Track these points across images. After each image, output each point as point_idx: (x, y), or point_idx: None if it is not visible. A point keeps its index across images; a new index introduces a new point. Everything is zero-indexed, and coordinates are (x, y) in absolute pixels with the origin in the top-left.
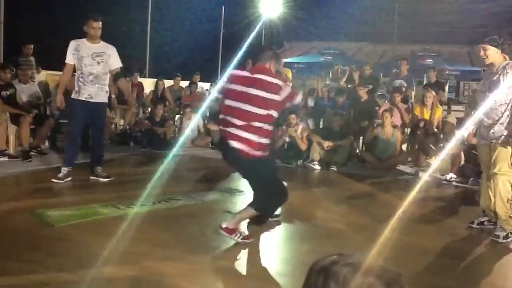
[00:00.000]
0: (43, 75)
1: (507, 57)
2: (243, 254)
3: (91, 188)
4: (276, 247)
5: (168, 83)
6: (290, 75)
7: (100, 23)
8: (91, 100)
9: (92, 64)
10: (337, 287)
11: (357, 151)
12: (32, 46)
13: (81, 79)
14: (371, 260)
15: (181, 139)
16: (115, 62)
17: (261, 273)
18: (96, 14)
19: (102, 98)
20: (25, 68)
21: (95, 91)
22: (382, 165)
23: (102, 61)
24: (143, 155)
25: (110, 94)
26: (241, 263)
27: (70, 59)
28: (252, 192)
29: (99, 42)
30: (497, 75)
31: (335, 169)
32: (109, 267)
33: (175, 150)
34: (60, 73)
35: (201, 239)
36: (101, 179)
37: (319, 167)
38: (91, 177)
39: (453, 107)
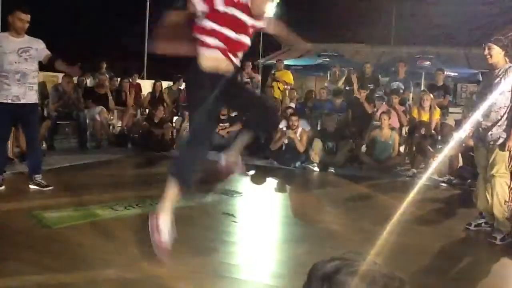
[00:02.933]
0: (40, 76)
1: (508, 60)
2: (241, 256)
3: (88, 189)
4: (274, 249)
5: (166, 84)
6: (291, 77)
7: (29, 16)
8: (19, 102)
9: (19, 61)
10: None
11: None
12: None
13: (5, 80)
14: (375, 268)
15: (179, 141)
16: (44, 52)
17: (258, 275)
18: (24, 5)
19: (32, 98)
20: None
21: (24, 92)
22: (380, 167)
23: (30, 57)
24: (140, 157)
25: (107, 95)
26: (239, 265)
27: None
28: None
29: (23, 36)
30: (499, 78)
31: (333, 170)
32: (106, 269)
33: (173, 151)
34: (58, 74)
35: (199, 241)
36: (41, 188)
37: (318, 169)
38: (30, 186)
39: (451, 109)
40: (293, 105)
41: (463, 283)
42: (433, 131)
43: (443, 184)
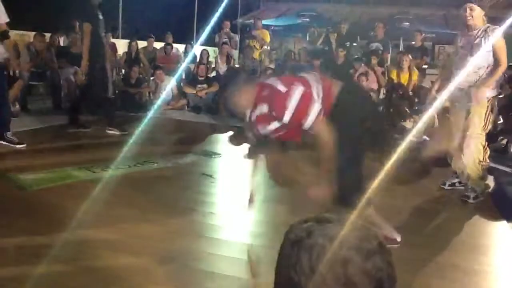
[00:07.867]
0: (12, 35)
1: (485, 19)
2: (221, 217)
3: (65, 151)
4: (253, 209)
5: (141, 44)
6: (268, 37)
7: None
8: None
9: None
10: (310, 262)
11: None
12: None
13: None
14: (351, 228)
15: (157, 102)
16: (1, 16)
17: (238, 234)
18: None
19: None
20: None
21: None
22: None
23: None
24: (117, 118)
25: (81, 55)
26: (218, 225)
27: None
28: None
29: None
30: (479, 38)
31: None
32: (84, 230)
33: (150, 112)
34: (29, 33)
35: (178, 202)
36: (12, 145)
37: None
38: (1, 142)
39: (428, 71)
40: (272, 66)
41: (436, 240)
42: (410, 92)
43: (419, 145)
